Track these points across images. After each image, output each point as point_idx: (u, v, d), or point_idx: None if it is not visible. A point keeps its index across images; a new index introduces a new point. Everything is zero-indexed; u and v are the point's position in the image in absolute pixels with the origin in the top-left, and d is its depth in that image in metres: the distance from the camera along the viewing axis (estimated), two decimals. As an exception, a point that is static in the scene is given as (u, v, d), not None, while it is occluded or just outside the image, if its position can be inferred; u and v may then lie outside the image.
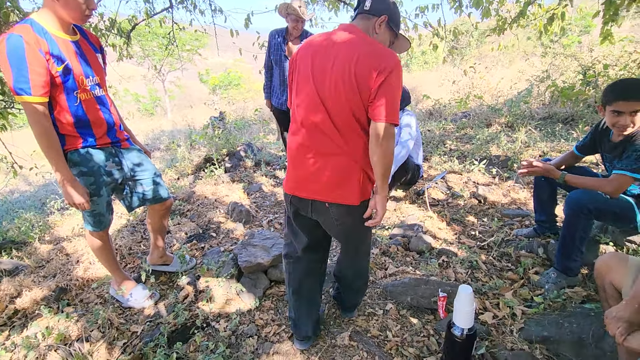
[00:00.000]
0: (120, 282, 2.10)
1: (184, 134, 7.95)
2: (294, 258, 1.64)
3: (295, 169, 1.43)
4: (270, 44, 3.41)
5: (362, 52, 1.25)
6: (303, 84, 1.34)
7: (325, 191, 1.37)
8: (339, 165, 1.34)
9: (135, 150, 1.96)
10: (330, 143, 1.33)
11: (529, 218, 2.62)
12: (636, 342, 1.10)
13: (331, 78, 1.27)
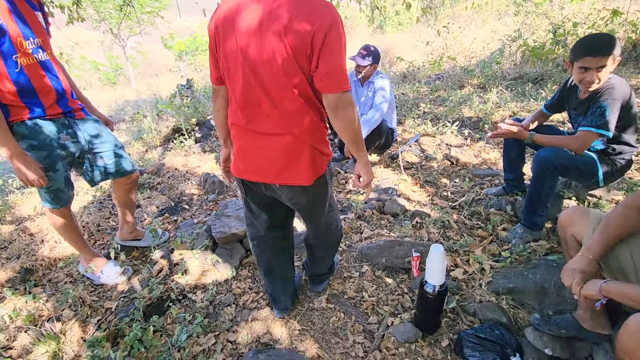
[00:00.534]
0: (89, 260, 2.02)
1: (149, 104, 7.54)
2: (258, 239, 1.58)
3: (239, 152, 1.30)
4: None
5: (289, 14, 1.04)
6: (232, 61, 1.14)
7: (273, 174, 1.26)
8: (283, 146, 1.21)
9: (91, 121, 1.82)
10: (272, 123, 1.19)
11: (499, 177, 2.70)
12: (592, 289, 1.17)
13: (261, 51, 1.08)
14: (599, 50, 1.64)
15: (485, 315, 1.61)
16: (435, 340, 1.57)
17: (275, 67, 1.09)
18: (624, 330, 1.00)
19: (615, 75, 1.77)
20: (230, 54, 1.14)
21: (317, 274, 1.80)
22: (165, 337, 1.65)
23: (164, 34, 20.74)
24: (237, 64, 1.13)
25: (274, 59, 1.08)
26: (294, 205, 1.40)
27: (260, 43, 1.08)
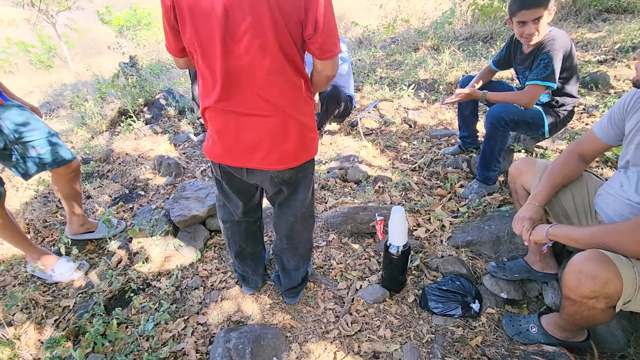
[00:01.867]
0: (36, 259, 1.88)
1: (91, 86, 6.93)
2: (231, 222, 1.50)
3: (218, 135, 1.17)
4: None
5: None
6: (206, 34, 1.00)
7: (259, 158, 1.16)
8: (270, 126, 1.11)
9: (14, 108, 1.63)
10: (255, 100, 1.08)
11: (455, 137, 2.77)
12: (539, 235, 1.24)
13: (245, 18, 0.96)
14: (533, 3, 1.68)
15: (447, 268, 1.69)
16: (401, 297, 1.64)
17: (262, 36, 0.98)
18: (568, 269, 1.08)
19: (555, 27, 1.82)
20: (203, 27, 0.99)
21: (292, 287, 1.60)
22: (131, 328, 1.59)
23: (100, 7, 18.86)
24: (214, 37, 0.99)
25: (261, 28, 0.97)
26: (274, 191, 1.31)
27: (243, 10, 0.95)
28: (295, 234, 1.45)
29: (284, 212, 1.40)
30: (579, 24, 4.86)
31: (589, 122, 2.65)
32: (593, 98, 2.94)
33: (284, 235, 1.47)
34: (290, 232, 1.44)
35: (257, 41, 0.99)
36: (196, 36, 1.01)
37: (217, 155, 1.22)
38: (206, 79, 1.10)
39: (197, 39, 1.02)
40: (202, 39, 1.02)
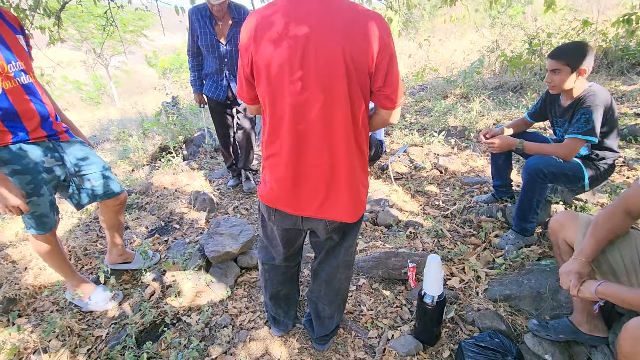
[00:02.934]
0: (76, 286, 1.95)
1: (135, 123, 7.45)
2: (270, 265, 1.49)
3: (278, 183, 1.17)
4: (193, 26, 2.62)
5: (347, 29, 0.97)
6: (277, 83, 1.03)
7: (315, 208, 1.16)
8: (334, 177, 1.12)
9: (77, 143, 1.78)
10: (323, 152, 1.09)
11: (487, 185, 2.74)
12: (587, 291, 1.18)
13: (318, 70, 0.99)
14: (554, 54, 1.81)
15: (484, 323, 1.61)
16: (436, 351, 1.56)
17: (335, 90, 1.01)
18: (624, 335, 1.02)
19: (595, 83, 1.85)
20: (276, 75, 1.02)
21: (323, 335, 1.57)
22: (159, 363, 1.59)
23: (148, 52, 20.69)
24: (284, 87, 1.03)
25: (335, 82, 1.00)
26: (325, 238, 1.30)
27: (318, 63, 0.98)
28: (336, 281, 1.43)
29: (328, 258, 1.39)
30: (612, 77, 4.85)
31: (629, 176, 2.57)
32: (633, 151, 2.86)
33: (323, 282, 1.44)
34: (332, 279, 1.42)
35: (329, 94, 1.02)
36: (269, 89, 1.06)
37: (273, 200, 1.21)
38: (273, 129, 1.12)
39: (269, 92, 1.06)
40: (274, 92, 1.05)
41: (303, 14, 0.99)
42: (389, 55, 1.01)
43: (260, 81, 1.07)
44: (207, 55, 2.68)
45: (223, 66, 2.68)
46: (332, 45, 0.97)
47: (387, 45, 1.00)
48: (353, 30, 0.97)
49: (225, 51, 2.63)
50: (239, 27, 2.58)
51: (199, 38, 2.62)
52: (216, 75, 2.73)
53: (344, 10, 0.99)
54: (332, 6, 0.99)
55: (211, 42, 2.58)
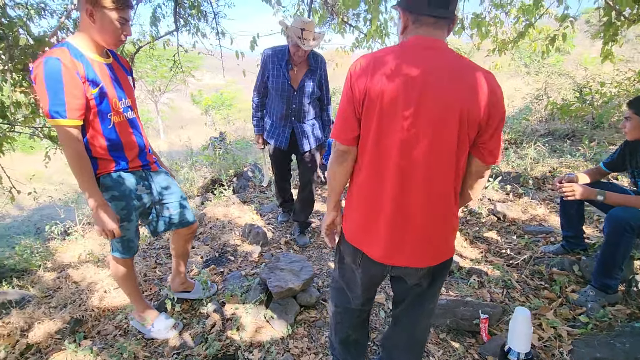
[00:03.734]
0: (141, 312, 1.99)
1: (182, 155, 7.86)
2: (344, 308, 1.42)
3: (374, 224, 1.13)
4: (266, 67, 2.57)
5: (468, 77, 1.00)
6: (392, 110, 1.02)
7: (412, 255, 1.12)
8: (442, 218, 1.10)
9: (163, 173, 1.90)
10: (422, 197, 1.07)
11: (554, 235, 2.61)
12: None
13: (434, 116, 1.00)
14: (628, 102, 1.94)
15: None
16: (522, 417, 1.42)
17: (444, 131, 1.01)
18: None
19: None
20: (389, 109, 1.02)
21: None
22: (224, 401, 1.56)
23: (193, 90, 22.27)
24: (395, 121, 1.03)
25: (444, 122, 1.00)
26: (413, 284, 1.24)
27: (436, 107, 1.00)
28: (419, 330, 1.36)
29: (414, 305, 1.32)
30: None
31: None
32: None
33: (405, 330, 1.37)
34: (415, 328, 1.35)
35: (438, 137, 1.02)
36: (378, 122, 1.05)
37: (365, 243, 1.17)
38: (372, 166, 1.11)
39: (378, 126, 1.05)
40: (383, 126, 1.05)
41: (421, 58, 1.02)
42: (502, 113, 1.04)
43: (371, 115, 1.05)
44: (275, 98, 2.61)
45: (290, 112, 2.60)
46: (449, 90, 0.99)
47: (501, 104, 1.03)
48: (472, 82, 1.00)
49: (295, 97, 2.56)
50: (314, 75, 2.56)
51: (270, 80, 2.56)
52: (281, 122, 2.65)
53: (461, 62, 1.03)
54: (450, 56, 1.03)
55: (282, 85, 2.52)
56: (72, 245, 3.49)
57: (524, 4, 4.22)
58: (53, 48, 1.46)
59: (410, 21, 1.06)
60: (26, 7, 3.59)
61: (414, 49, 1.04)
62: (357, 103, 1.07)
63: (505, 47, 4.51)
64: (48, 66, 1.37)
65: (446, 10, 1.03)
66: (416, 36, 1.05)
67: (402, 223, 1.11)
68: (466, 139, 1.05)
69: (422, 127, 1.02)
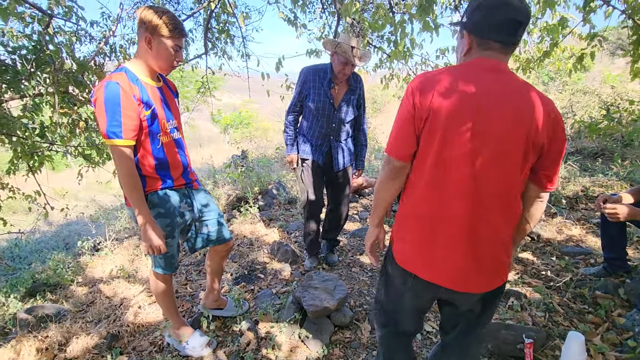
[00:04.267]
0: (177, 328, 2.00)
1: (204, 172, 8.03)
2: (393, 332, 1.38)
3: (433, 244, 1.11)
4: (305, 85, 2.52)
5: (531, 104, 1.01)
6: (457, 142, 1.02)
7: (469, 279, 1.10)
8: (490, 249, 1.08)
9: (203, 191, 1.95)
10: (484, 221, 1.06)
11: (593, 256, 2.53)
12: None
13: (499, 131, 1.00)
14: None
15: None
16: None
17: (512, 158, 1.02)
18: None
19: None
20: (453, 134, 1.02)
21: None
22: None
23: (213, 110, 22.91)
24: (460, 146, 1.02)
25: (515, 151, 1.01)
26: (466, 309, 1.20)
27: (501, 127, 1.00)
28: (470, 357, 1.32)
29: (465, 332, 1.28)
30: None
31: None
32: None
33: (455, 356, 1.34)
34: (465, 356, 1.31)
35: (504, 159, 1.02)
36: (441, 145, 1.04)
37: (413, 264, 1.15)
38: (430, 186, 1.08)
39: (440, 148, 1.04)
40: (446, 148, 1.03)
41: (486, 78, 1.03)
42: (564, 139, 1.06)
43: (434, 132, 1.04)
44: (315, 117, 2.54)
45: (329, 131, 2.55)
46: (515, 111, 1.00)
47: (563, 129, 1.05)
48: (536, 106, 1.01)
49: (335, 116, 2.53)
50: (353, 95, 2.55)
51: (311, 98, 2.49)
52: (318, 140, 2.58)
53: (526, 86, 1.04)
54: (513, 78, 1.05)
55: (324, 104, 2.48)
56: (102, 260, 3.57)
57: (548, 24, 4.23)
58: (112, 73, 1.55)
59: (475, 43, 1.08)
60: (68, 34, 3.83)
61: (478, 70, 1.05)
62: (419, 119, 1.06)
63: (529, 67, 4.51)
64: (108, 90, 1.46)
65: (514, 37, 1.05)
66: (480, 58, 1.07)
67: (470, 245, 1.07)
68: (529, 162, 1.04)
69: (488, 146, 1.01)
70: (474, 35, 1.08)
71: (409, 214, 1.16)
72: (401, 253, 1.19)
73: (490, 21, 1.04)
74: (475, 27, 1.07)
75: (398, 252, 1.20)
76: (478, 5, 1.06)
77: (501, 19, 1.03)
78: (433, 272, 1.12)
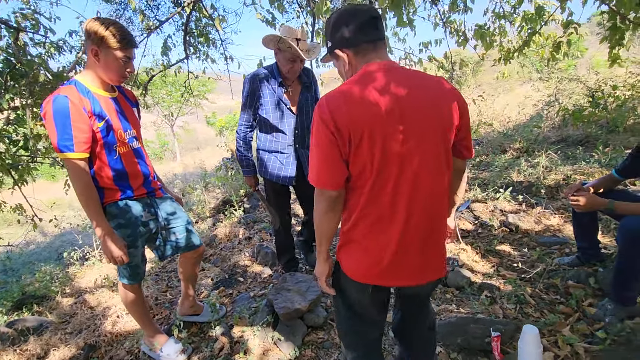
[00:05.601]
0: (152, 336, 2.01)
1: (196, 176, 8.04)
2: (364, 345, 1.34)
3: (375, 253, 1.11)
4: (255, 94, 2.19)
5: (435, 88, 1.08)
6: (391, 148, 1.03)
7: (427, 269, 1.15)
8: (436, 235, 1.13)
9: (168, 199, 1.96)
10: (426, 213, 1.09)
11: (568, 245, 2.53)
12: None
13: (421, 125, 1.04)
14: None
15: (595, 411, 1.39)
16: None
17: (436, 143, 1.06)
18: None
19: None
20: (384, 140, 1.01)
21: None
22: None
23: (208, 112, 22.88)
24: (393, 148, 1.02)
25: (436, 135, 1.06)
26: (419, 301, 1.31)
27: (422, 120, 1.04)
28: (430, 345, 1.37)
29: (419, 320, 1.35)
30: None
31: None
32: None
33: (419, 348, 1.39)
34: (426, 344, 1.36)
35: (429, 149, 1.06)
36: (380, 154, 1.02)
37: (372, 276, 1.14)
38: (374, 198, 1.07)
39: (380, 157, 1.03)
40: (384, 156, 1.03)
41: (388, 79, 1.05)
42: (467, 110, 1.16)
43: (365, 145, 1.02)
44: (274, 128, 2.25)
45: (294, 140, 2.28)
46: (428, 100, 1.06)
47: (464, 101, 1.15)
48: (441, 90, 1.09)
49: (297, 122, 2.26)
50: (309, 92, 2.30)
51: (264, 108, 2.20)
52: (283, 154, 2.30)
53: (423, 74, 1.12)
54: (410, 71, 1.12)
55: (281, 112, 2.21)
56: (89, 270, 3.58)
57: (526, 13, 4.22)
58: (62, 86, 1.55)
59: (352, 56, 1.11)
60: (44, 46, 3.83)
61: (377, 73, 1.06)
62: (343, 144, 1.03)
63: (510, 56, 4.49)
64: (57, 103, 1.46)
65: (378, 32, 1.10)
66: (368, 64, 1.08)
67: (423, 241, 1.11)
68: (449, 143, 1.12)
69: (416, 142, 1.04)
70: (348, 48, 1.11)
71: (353, 230, 1.14)
72: (354, 269, 1.17)
73: (352, 30, 1.08)
74: (344, 42, 1.11)
75: (350, 269, 1.18)
76: (333, 26, 1.12)
77: (358, 23, 1.08)
78: (390, 277, 1.13)
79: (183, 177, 8.81)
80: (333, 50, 1.14)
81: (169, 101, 18.36)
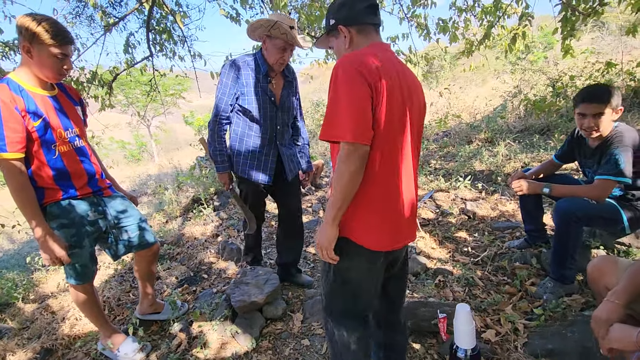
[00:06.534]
0: (108, 337, 2.00)
1: (170, 177, 7.92)
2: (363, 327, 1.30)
3: (390, 219, 1.17)
4: (235, 83, 2.01)
5: (414, 77, 1.24)
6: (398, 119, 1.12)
7: (413, 232, 1.30)
8: (414, 200, 1.28)
9: (118, 198, 1.94)
10: (413, 175, 1.25)
11: (519, 229, 2.64)
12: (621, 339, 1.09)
13: (419, 104, 1.23)
14: (594, 98, 1.75)
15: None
16: (474, 414, 1.43)
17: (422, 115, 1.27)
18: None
19: (622, 123, 1.83)
20: (397, 111, 1.11)
21: None
22: (183, 420, 1.56)
23: (185, 112, 22.47)
24: (404, 121, 1.14)
25: (422, 111, 1.26)
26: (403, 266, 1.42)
27: (418, 97, 1.22)
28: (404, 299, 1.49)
29: (403, 280, 1.46)
30: (645, 115, 4.71)
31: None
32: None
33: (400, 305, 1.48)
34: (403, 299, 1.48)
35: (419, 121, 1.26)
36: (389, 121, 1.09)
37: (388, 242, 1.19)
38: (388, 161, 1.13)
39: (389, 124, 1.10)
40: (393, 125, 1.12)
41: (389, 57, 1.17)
42: None
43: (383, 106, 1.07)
44: (256, 121, 2.07)
45: (274, 135, 2.12)
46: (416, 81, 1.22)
47: None
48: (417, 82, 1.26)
49: (278, 117, 2.11)
50: (291, 88, 2.17)
51: (246, 98, 2.01)
52: (262, 149, 2.11)
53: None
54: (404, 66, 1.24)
55: (264, 104, 2.03)
56: (54, 275, 3.50)
57: (485, 7, 4.33)
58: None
59: (355, 33, 1.20)
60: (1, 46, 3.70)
61: (383, 51, 1.16)
62: (375, 99, 1.06)
63: (472, 49, 4.61)
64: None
65: (379, 19, 1.22)
66: (373, 42, 1.20)
67: (411, 203, 1.23)
68: (422, 125, 1.29)
69: (413, 115, 1.19)
70: (354, 26, 1.19)
71: (373, 195, 1.14)
72: (373, 238, 1.17)
73: (360, 10, 1.18)
74: (352, 19, 1.19)
75: (366, 239, 1.17)
76: (342, 3, 1.20)
77: (366, 4, 1.19)
78: (399, 239, 1.23)
79: (157, 177, 8.66)
80: (336, 27, 1.21)
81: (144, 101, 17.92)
